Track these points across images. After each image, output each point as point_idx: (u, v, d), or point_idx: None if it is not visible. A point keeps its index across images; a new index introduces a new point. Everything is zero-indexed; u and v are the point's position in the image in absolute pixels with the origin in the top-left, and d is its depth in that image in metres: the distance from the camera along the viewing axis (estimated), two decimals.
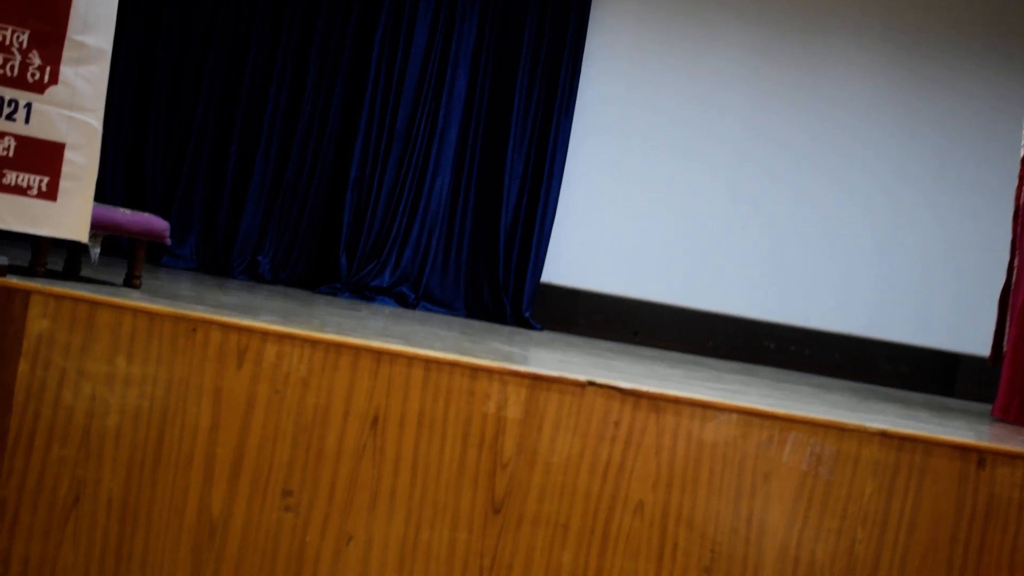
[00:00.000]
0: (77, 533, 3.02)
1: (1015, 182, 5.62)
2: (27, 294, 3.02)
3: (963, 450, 3.22)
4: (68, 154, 3.50)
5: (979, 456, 3.21)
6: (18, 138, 3.42)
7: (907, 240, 7.86)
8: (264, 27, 7.38)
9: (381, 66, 7.45)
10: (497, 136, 7.61)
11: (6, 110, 3.41)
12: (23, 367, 3.00)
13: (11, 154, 3.41)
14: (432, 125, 7.52)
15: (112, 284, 4.13)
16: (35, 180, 3.45)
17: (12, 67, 3.40)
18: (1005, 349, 5.45)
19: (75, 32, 3.50)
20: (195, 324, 3.06)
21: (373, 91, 7.42)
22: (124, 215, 4.17)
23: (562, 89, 7.66)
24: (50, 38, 3.46)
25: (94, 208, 3.67)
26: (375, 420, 3.08)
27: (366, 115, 7.41)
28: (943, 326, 7.77)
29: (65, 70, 3.48)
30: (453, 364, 3.10)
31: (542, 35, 7.67)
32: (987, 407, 5.83)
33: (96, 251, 4.07)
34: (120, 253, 4.92)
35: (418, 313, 6.93)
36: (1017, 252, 5.49)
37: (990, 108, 7.83)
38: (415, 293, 7.41)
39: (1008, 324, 5.48)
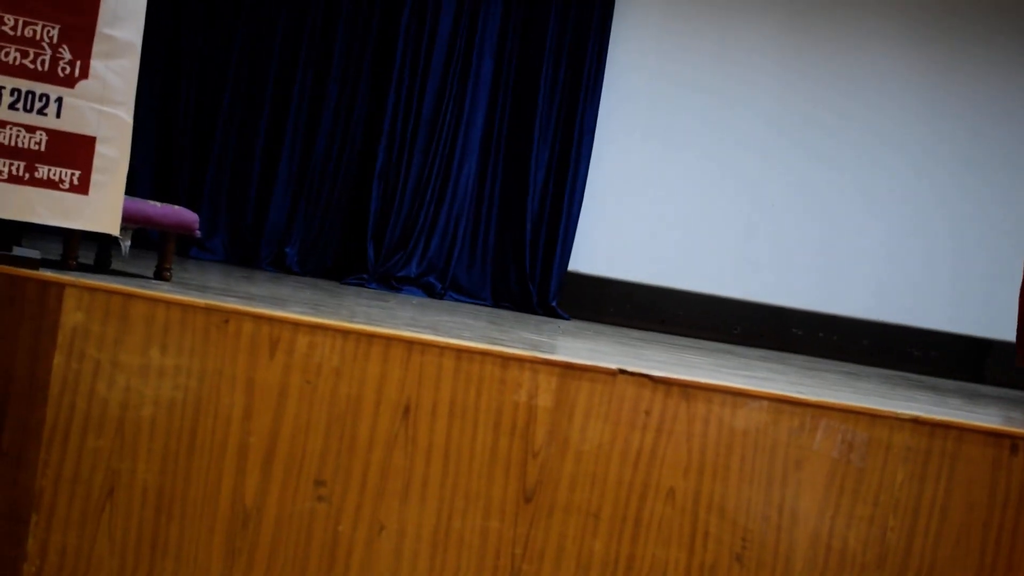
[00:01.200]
0: (112, 523, 3.05)
1: None
2: (61, 287, 3.05)
3: (996, 436, 3.20)
4: (99, 147, 3.52)
5: (1012, 442, 3.19)
6: (49, 132, 3.44)
7: (935, 227, 7.81)
8: (288, 16, 7.40)
9: (407, 52, 7.45)
10: (523, 122, 7.60)
11: (37, 104, 3.43)
12: (58, 359, 3.03)
13: (43, 148, 3.43)
14: (458, 112, 7.52)
15: (143, 277, 4.16)
16: (67, 174, 3.48)
17: (43, 62, 3.42)
18: None
19: (105, 25, 3.51)
20: (228, 315, 3.08)
21: (399, 78, 7.43)
22: (155, 208, 4.20)
23: (588, 73, 7.64)
24: (80, 32, 3.47)
25: (125, 201, 3.69)
26: (407, 409, 3.09)
27: (392, 103, 7.42)
28: (973, 312, 7.72)
29: (95, 64, 3.50)
30: (484, 353, 3.11)
31: (567, 18, 7.64)
32: (1018, 393, 5.79)
33: (127, 244, 4.11)
34: (150, 246, 4.95)
35: (445, 303, 6.95)
36: None
37: (1022, 89, 7.78)
38: (442, 283, 7.42)
39: None
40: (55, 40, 3.44)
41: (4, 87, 3.36)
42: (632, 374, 3.13)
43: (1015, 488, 3.19)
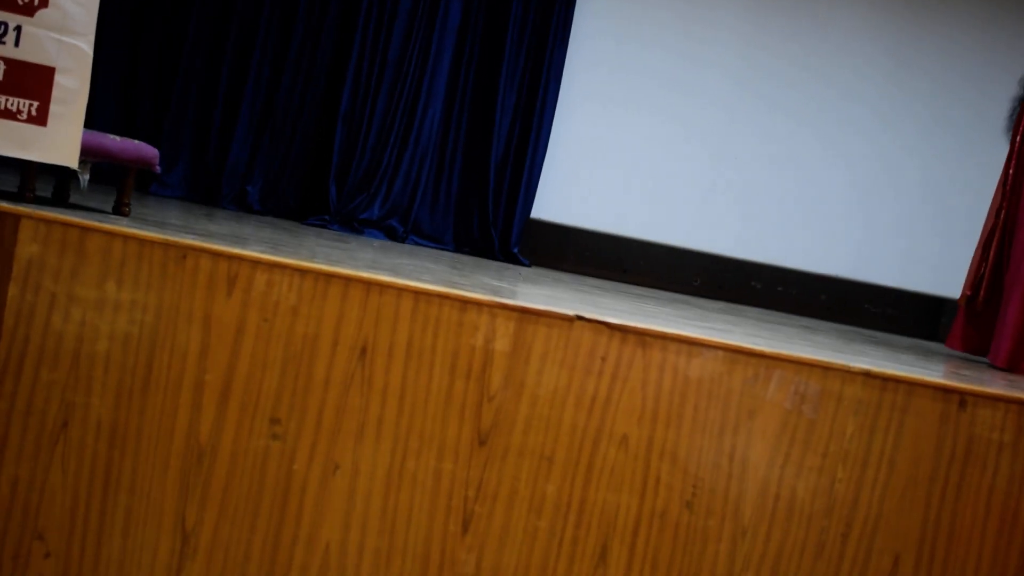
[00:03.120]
0: (66, 456, 3.05)
1: (1004, 125, 5.61)
2: (17, 218, 3.02)
3: (944, 391, 3.25)
4: (58, 78, 3.48)
5: (960, 398, 3.24)
6: (7, 61, 3.39)
7: (895, 185, 7.87)
8: None
9: None
10: (490, 67, 7.55)
11: None
12: (12, 291, 3.01)
13: (0, 78, 3.38)
14: (424, 55, 7.45)
15: (101, 211, 4.12)
16: (25, 104, 3.43)
17: None
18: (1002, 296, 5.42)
19: None
20: (185, 251, 3.06)
21: (366, 19, 7.35)
22: (114, 142, 4.15)
23: (556, 19, 7.59)
24: None
25: (84, 134, 3.65)
26: (363, 350, 3.10)
27: (358, 44, 7.34)
28: (929, 270, 7.80)
29: None
30: (442, 296, 3.12)
31: None
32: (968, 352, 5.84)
33: (85, 177, 4.06)
34: (109, 181, 4.89)
35: (407, 246, 6.93)
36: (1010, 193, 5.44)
37: (982, 50, 7.82)
38: (404, 226, 7.39)
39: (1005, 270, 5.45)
40: None
41: None
42: (589, 320, 3.15)
43: (961, 442, 3.24)
